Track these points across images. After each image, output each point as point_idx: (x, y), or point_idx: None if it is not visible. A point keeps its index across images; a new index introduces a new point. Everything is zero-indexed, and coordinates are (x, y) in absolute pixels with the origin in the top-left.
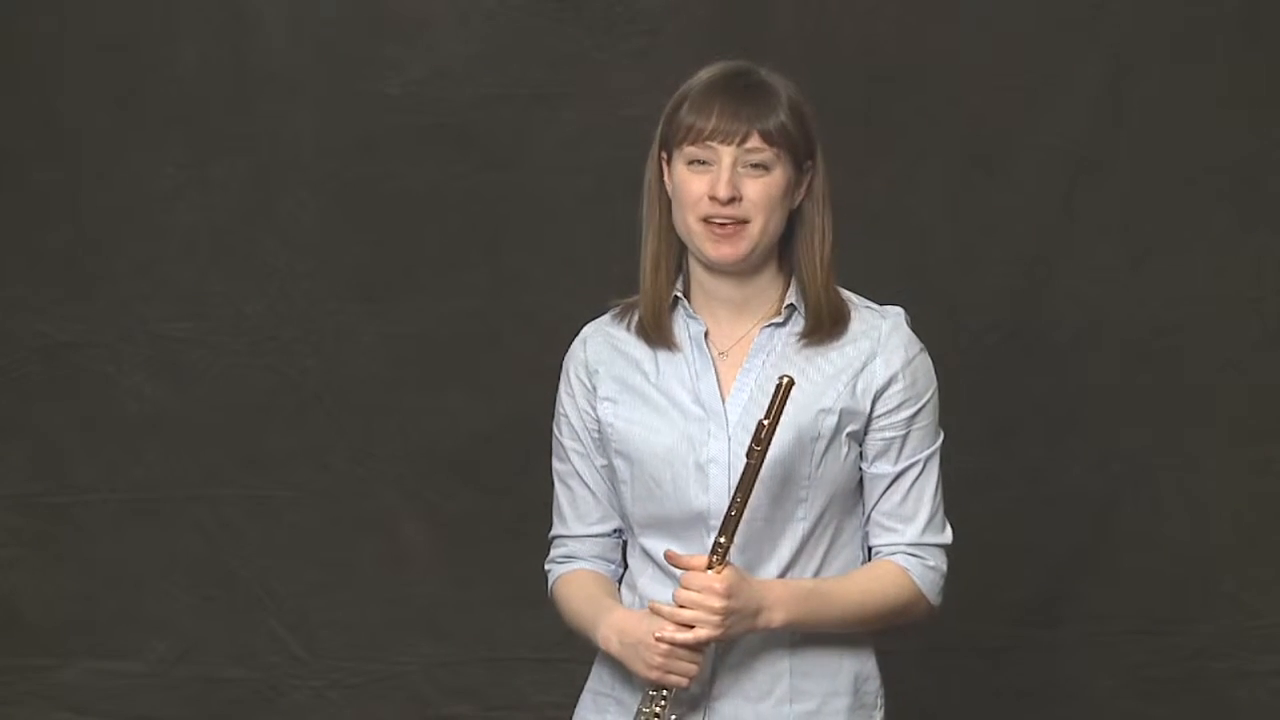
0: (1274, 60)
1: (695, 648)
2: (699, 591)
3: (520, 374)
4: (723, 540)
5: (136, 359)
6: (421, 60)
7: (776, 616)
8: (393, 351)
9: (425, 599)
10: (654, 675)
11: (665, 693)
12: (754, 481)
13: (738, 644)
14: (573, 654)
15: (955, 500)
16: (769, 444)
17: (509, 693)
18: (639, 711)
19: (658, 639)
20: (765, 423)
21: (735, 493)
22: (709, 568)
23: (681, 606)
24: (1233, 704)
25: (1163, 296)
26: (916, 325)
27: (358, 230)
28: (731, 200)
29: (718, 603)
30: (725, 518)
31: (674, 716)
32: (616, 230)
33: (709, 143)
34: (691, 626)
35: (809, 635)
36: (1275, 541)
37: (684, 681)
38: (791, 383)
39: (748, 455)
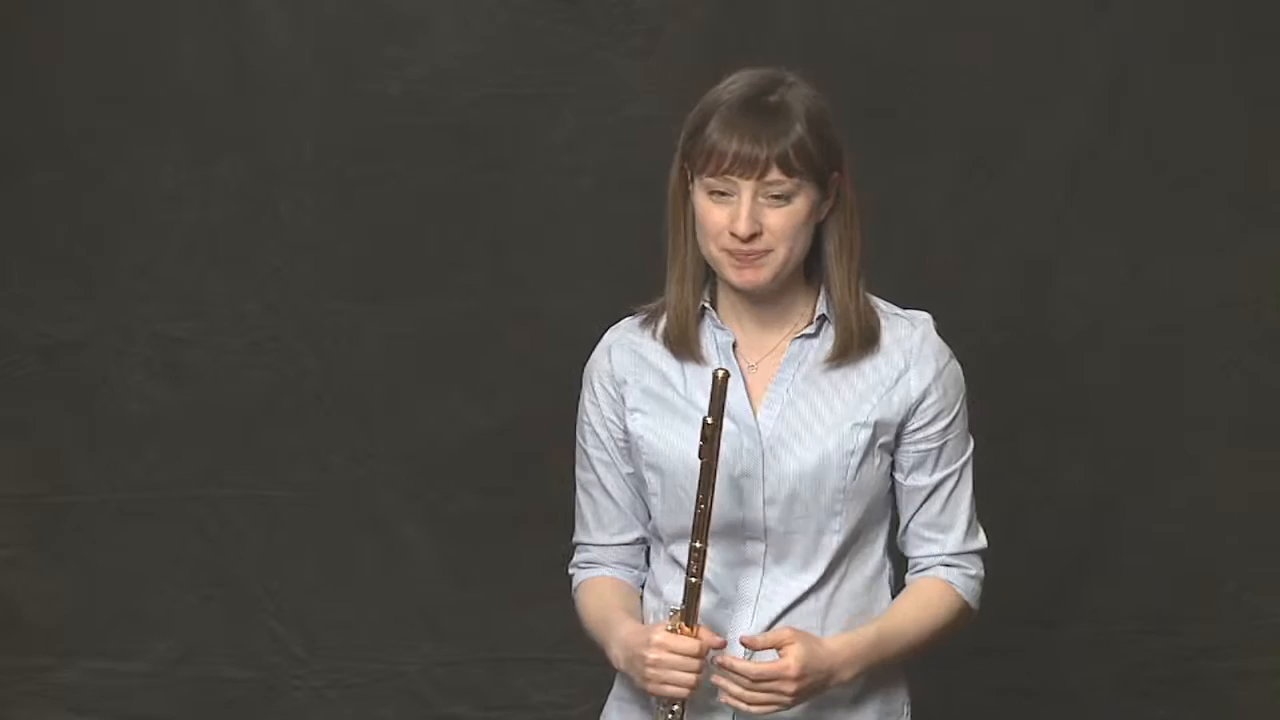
0: (1274, 60)
1: (689, 655)
2: (773, 680)
3: (520, 374)
4: (699, 544)
5: (136, 359)
6: (421, 60)
7: (847, 674)
8: (393, 351)
9: (425, 599)
10: (650, 687)
11: (675, 706)
12: (713, 482)
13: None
14: (573, 654)
15: None
16: (717, 440)
17: (509, 693)
18: None
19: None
20: (709, 420)
21: (698, 494)
22: (690, 575)
23: (756, 681)
24: (1233, 704)
25: (1163, 296)
26: None
27: (358, 231)
28: (753, 236)
29: (791, 687)
30: (695, 519)
31: None
32: (617, 230)
33: (728, 176)
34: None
35: None
36: (1275, 541)
37: (682, 691)
38: (727, 375)
39: (700, 455)
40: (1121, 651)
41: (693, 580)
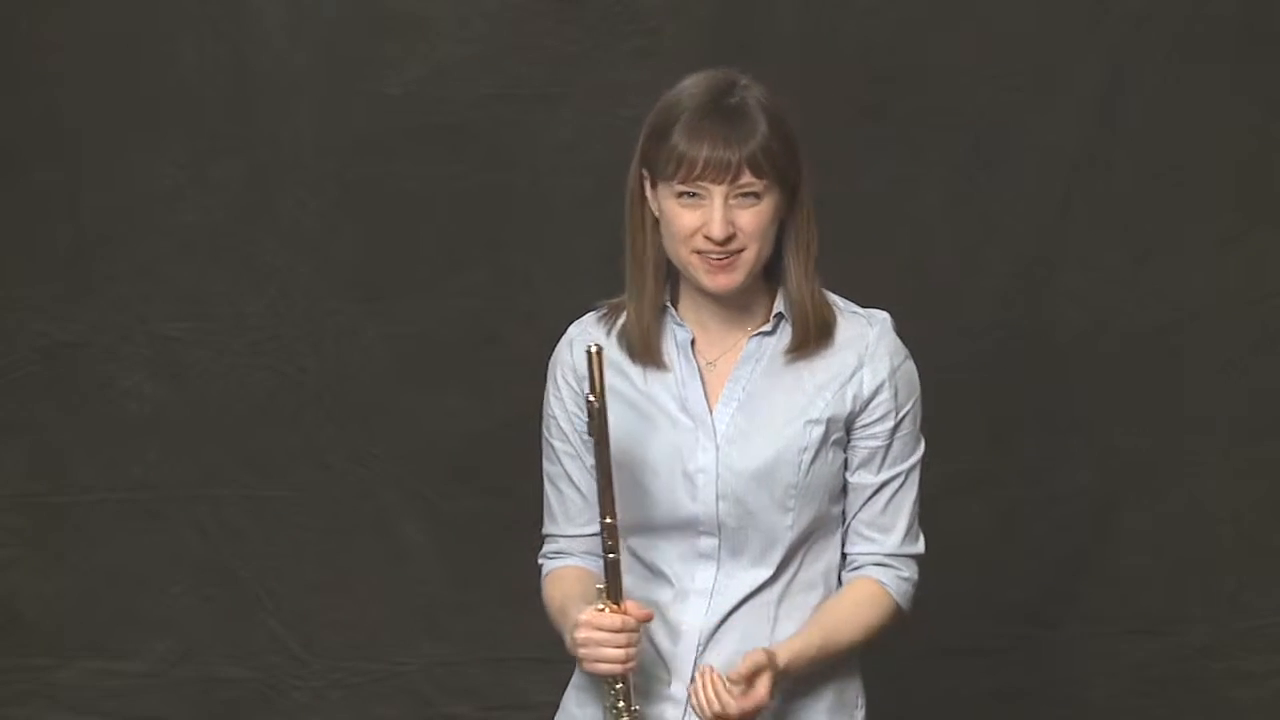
0: (1274, 60)
1: (614, 631)
2: (755, 707)
3: (520, 374)
4: (609, 520)
5: (136, 359)
6: (421, 60)
7: (786, 683)
8: (393, 351)
9: (425, 599)
10: (585, 666)
11: (618, 685)
12: (609, 461)
13: (716, 642)
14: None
15: (954, 501)
16: (604, 417)
17: (509, 693)
18: (605, 707)
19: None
20: (592, 399)
21: (597, 472)
22: (607, 552)
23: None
24: (1233, 704)
25: (1163, 296)
26: (917, 326)
27: (358, 230)
28: (727, 239)
29: (769, 706)
30: (599, 496)
31: (635, 708)
32: (617, 230)
33: (700, 182)
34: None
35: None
36: (1275, 542)
37: (615, 667)
38: (600, 350)
39: (589, 433)
40: (1120, 652)
41: (610, 557)
